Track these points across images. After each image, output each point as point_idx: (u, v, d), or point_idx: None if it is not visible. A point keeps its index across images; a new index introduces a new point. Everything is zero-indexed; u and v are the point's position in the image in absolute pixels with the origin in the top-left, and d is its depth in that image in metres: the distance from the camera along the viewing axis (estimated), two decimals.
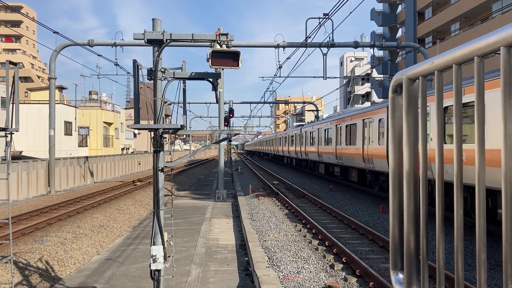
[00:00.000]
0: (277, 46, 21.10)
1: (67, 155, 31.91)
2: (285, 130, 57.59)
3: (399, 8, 52.27)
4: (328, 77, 23.27)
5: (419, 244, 1.38)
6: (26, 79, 79.80)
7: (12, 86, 9.48)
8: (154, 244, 5.78)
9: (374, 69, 50.65)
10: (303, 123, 43.11)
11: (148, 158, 46.66)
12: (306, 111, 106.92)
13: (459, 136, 1.17)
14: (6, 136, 8.18)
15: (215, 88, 6.47)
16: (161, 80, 6.01)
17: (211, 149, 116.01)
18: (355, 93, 71.87)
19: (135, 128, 5.76)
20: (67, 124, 39.14)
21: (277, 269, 8.78)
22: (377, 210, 16.73)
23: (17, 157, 27.17)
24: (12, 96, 9.48)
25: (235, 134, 8.08)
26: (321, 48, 21.16)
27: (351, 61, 77.79)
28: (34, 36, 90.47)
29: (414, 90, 1.40)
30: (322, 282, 8.00)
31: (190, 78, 6.34)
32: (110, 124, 50.70)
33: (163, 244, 5.77)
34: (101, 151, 45.63)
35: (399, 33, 52.28)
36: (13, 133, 9.05)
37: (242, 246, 11.39)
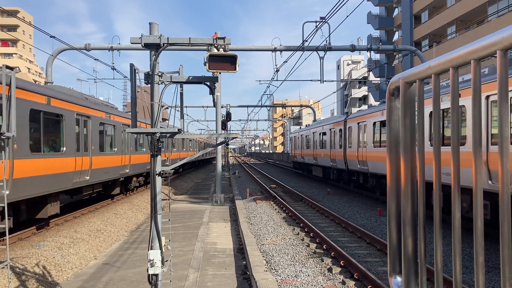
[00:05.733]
0: (274, 50, 21.14)
1: None
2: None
3: (396, 12, 52.51)
4: (325, 81, 23.31)
5: (417, 247, 1.38)
6: None
7: (8, 91, 9.47)
8: (151, 249, 5.77)
9: (371, 73, 50.83)
10: None
11: None
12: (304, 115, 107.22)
13: (456, 139, 1.18)
14: (2, 140, 8.15)
15: (212, 92, 6.47)
16: (158, 84, 6.01)
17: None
18: (352, 96, 72.07)
19: (132, 132, 5.75)
20: None
21: (275, 273, 8.76)
22: (374, 213, 16.74)
23: None
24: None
25: (233, 138, 8.11)
26: (318, 51, 21.21)
27: (348, 64, 78.09)
28: (30, 41, 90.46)
29: (411, 93, 1.40)
30: (320, 285, 7.99)
31: (187, 82, 6.34)
32: None
33: (160, 248, 5.76)
34: None
35: (396, 37, 52.48)
36: (10, 138, 9.03)
37: (240, 250, 11.37)
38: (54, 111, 12.88)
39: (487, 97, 10.91)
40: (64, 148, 13.43)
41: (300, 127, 50.93)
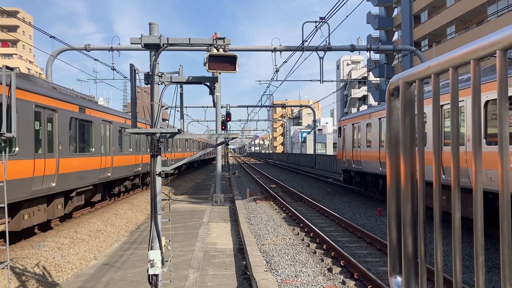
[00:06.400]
0: (274, 50, 21.17)
1: None
2: None
3: (395, 12, 52.51)
4: (325, 81, 23.34)
5: (417, 247, 1.38)
6: None
7: (8, 92, 9.46)
8: (151, 249, 5.77)
9: (370, 73, 50.84)
10: None
11: None
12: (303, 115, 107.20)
13: (456, 139, 1.18)
14: (2, 141, 8.15)
15: (212, 92, 6.47)
16: (158, 84, 6.01)
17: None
18: (352, 96, 72.07)
19: (132, 133, 5.76)
20: None
21: (275, 273, 8.76)
22: (374, 213, 16.74)
23: None
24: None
25: (233, 138, 8.16)
26: (318, 52, 21.22)
27: (348, 64, 78.08)
28: (30, 41, 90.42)
29: (411, 93, 1.40)
30: (321, 285, 7.99)
31: (187, 82, 6.34)
32: None
33: (160, 248, 5.75)
34: None
35: (396, 37, 52.48)
36: (10, 139, 9.03)
37: (240, 250, 11.37)
38: (87, 118, 15.32)
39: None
40: (93, 149, 15.88)
41: (359, 109, 33.00)
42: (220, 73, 6.26)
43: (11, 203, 9.31)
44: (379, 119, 19.13)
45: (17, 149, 10.31)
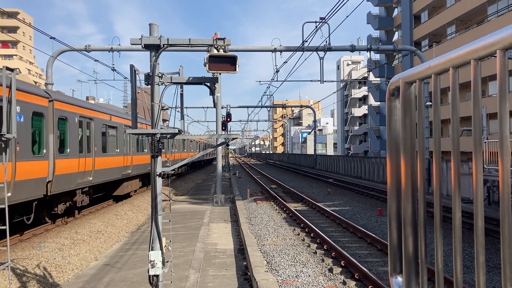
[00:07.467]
0: (274, 50, 21.16)
1: None
2: None
3: (396, 12, 52.49)
4: (325, 81, 23.32)
5: (417, 247, 1.38)
6: None
7: (8, 93, 9.47)
8: (152, 249, 5.76)
9: (371, 73, 50.81)
10: None
11: None
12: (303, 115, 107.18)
13: (456, 138, 1.18)
14: (3, 142, 8.16)
15: (212, 92, 6.47)
16: (159, 85, 6.01)
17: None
18: (352, 96, 72.05)
19: (133, 133, 5.76)
20: None
21: (276, 273, 8.76)
22: (375, 213, 16.74)
23: None
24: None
25: (233, 139, 8.15)
26: (318, 52, 21.21)
27: (348, 64, 78.03)
28: (31, 42, 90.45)
29: (411, 93, 1.40)
30: (321, 286, 7.99)
31: (187, 83, 6.34)
32: None
33: (161, 249, 5.75)
34: None
35: (396, 37, 52.45)
36: (10, 139, 9.03)
37: (241, 251, 11.36)
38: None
39: None
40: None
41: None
42: (220, 74, 6.26)
43: None
44: None
45: None
